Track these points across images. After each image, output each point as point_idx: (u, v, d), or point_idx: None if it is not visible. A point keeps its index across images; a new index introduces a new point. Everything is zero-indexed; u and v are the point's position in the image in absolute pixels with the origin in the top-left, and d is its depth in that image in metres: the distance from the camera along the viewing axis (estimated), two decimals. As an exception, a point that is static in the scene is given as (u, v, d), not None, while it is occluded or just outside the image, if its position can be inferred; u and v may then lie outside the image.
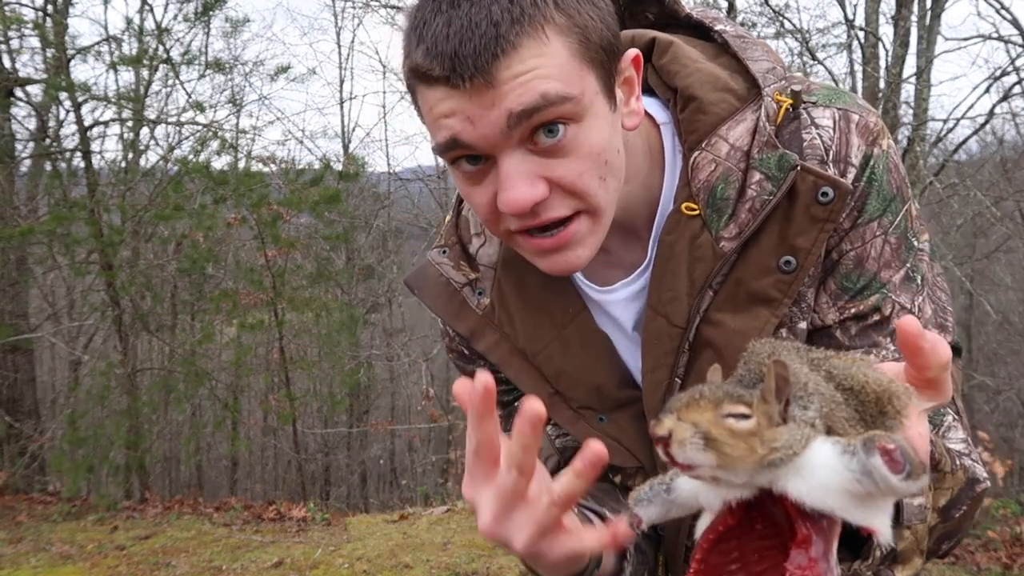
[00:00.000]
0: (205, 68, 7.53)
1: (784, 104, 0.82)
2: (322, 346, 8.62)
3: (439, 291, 0.98)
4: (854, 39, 7.52)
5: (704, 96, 0.84)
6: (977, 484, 0.79)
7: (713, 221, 0.82)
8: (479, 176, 0.77)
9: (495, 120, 0.71)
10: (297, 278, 8.25)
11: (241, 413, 9.14)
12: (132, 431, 7.09)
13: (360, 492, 11.31)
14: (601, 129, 0.76)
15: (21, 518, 5.94)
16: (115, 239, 6.81)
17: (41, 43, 6.93)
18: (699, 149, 0.83)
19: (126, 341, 7.29)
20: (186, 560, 4.86)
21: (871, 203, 0.81)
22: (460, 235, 0.99)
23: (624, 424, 0.93)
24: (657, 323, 0.86)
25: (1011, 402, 10.30)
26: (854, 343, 0.82)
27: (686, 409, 0.51)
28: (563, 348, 0.92)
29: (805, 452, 0.48)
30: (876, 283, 0.82)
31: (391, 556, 4.67)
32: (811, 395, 0.50)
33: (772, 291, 0.81)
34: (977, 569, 4.55)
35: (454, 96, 0.71)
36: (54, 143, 7.63)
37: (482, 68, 0.69)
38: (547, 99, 0.71)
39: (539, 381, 0.94)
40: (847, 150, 0.81)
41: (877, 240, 0.82)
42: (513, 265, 0.94)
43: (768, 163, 0.80)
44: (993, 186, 8.82)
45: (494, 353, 0.96)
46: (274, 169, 7.85)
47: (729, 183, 0.81)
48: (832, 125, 0.82)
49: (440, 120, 0.74)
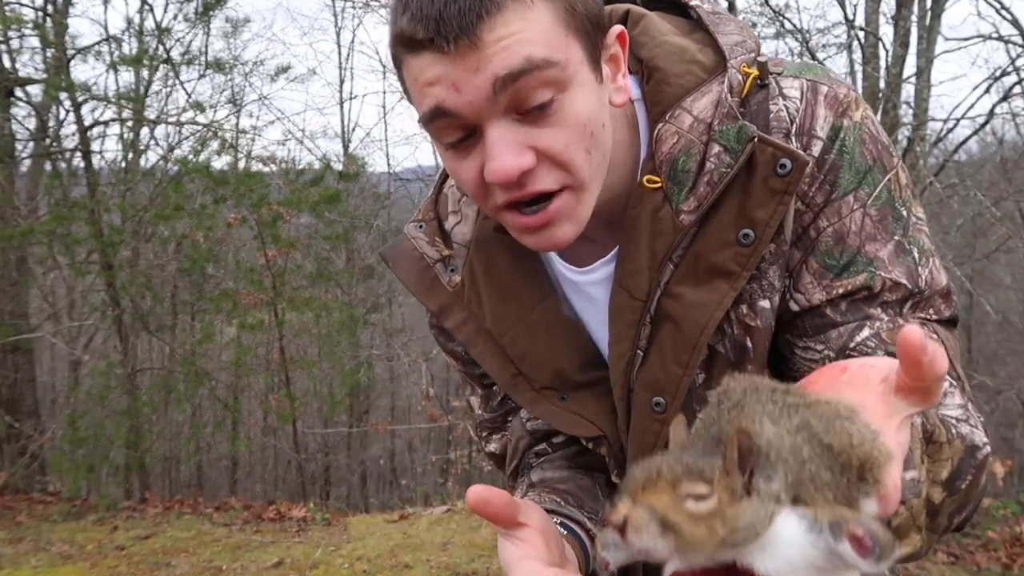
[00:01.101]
0: (205, 68, 7.54)
1: (751, 75, 0.81)
2: (322, 346, 8.63)
3: (412, 265, 0.98)
4: (854, 39, 7.52)
5: (668, 68, 0.84)
6: (977, 451, 0.77)
7: (674, 194, 0.82)
8: (465, 150, 0.77)
9: (480, 85, 0.71)
10: (297, 278, 8.24)
11: (241, 413, 9.13)
12: (132, 431, 7.09)
13: (360, 492, 11.31)
14: (587, 99, 0.76)
15: (21, 518, 5.94)
16: (115, 239, 6.81)
17: (41, 43, 6.94)
18: (663, 121, 0.83)
19: (126, 341, 7.29)
20: (186, 560, 4.87)
21: (844, 176, 0.80)
22: (438, 211, 1.00)
23: (586, 399, 0.94)
24: (620, 296, 0.86)
25: (1011, 402, 10.30)
26: (846, 318, 0.81)
27: (642, 491, 0.49)
28: (527, 331, 0.93)
29: (770, 528, 0.47)
30: (861, 258, 0.81)
31: (391, 556, 4.67)
32: (775, 464, 0.48)
33: (731, 264, 0.81)
34: (977, 569, 4.56)
35: (439, 62, 0.71)
36: (54, 143, 7.63)
37: (467, 29, 0.69)
38: (531, 62, 0.71)
39: (503, 361, 0.94)
40: (812, 122, 0.80)
41: (856, 214, 0.81)
42: (485, 246, 0.94)
43: (727, 135, 0.79)
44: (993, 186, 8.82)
45: (461, 331, 0.96)
46: (274, 169, 7.85)
47: (691, 156, 0.81)
48: (799, 96, 0.81)
49: (425, 88, 0.74)
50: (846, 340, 0.81)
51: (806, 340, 0.84)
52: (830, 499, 0.47)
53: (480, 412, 1.09)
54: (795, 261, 0.83)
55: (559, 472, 1.02)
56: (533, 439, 1.06)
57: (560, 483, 1.01)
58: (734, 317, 0.84)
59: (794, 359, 0.86)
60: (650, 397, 0.87)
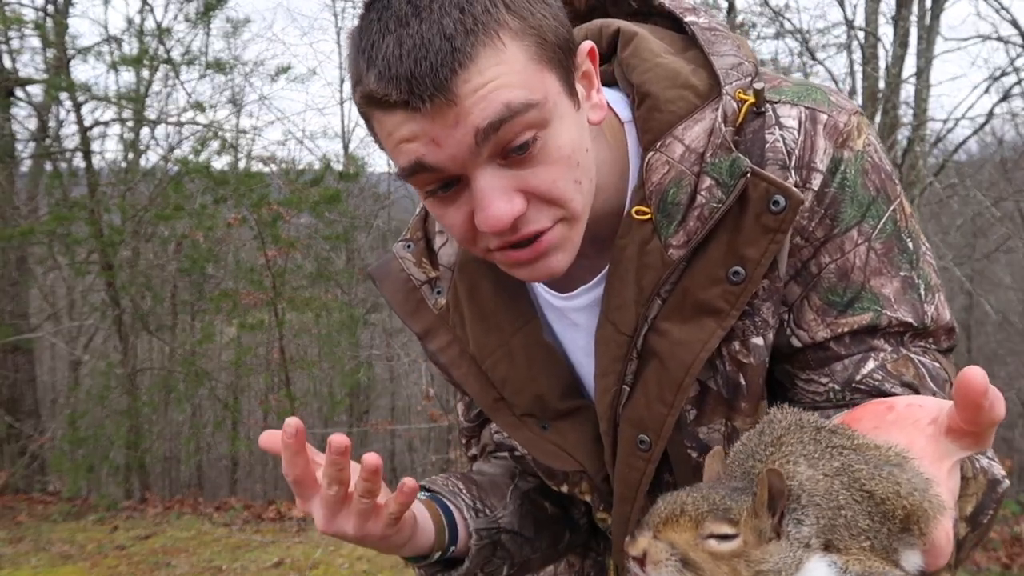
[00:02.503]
0: (205, 68, 7.53)
1: (747, 102, 0.78)
2: (322, 346, 8.62)
3: (399, 286, 0.97)
4: (854, 39, 7.52)
5: (660, 93, 0.81)
6: (998, 485, 0.76)
7: (663, 227, 0.79)
8: (450, 199, 0.75)
9: (461, 139, 0.69)
10: (297, 278, 8.24)
11: (241, 413, 9.12)
12: (132, 431, 7.10)
13: (360, 492, 11.28)
14: (569, 130, 0.74)
15: (21, 518, 5.94)
16: (115, 239, 6.81)
17: (42, 43, 6.94)
18: (654, 150, 0.80)
19: (126, 341, 7.29)
20: (186, 560, 4.87)
21: (846, 210, 0.77)
22: (427, 229, 0.98)
23: (567, 431, 0.92)
24: (606, 329, 0.84)
25: (1011, 402, 10.30)
26: (850, 351, 0.79)
27: (664, 526, 0.48)
28: (508, 356, 0.91)
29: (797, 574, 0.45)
30: (866, 295, 0.78)
31: (391, 556, 4.67)
32: (806, 507, 0.46)
33: (719, 302, 0.78)
34: (977, 569, 4.55)
35: (414, 119, 0.69)
36: (54, 143, 7.64)
37: (441, 86, 0.66)
38: (511, 109, 0.69)
39: (485, 386, 0.93)
40: (811, 154, 0.77)
41: (860, 249, 0.78)
42: (468, 269, 0.93)
43: (719, 168, 0.76)
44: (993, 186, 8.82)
45: (445, 354, 0.95)
46: (274, 169, 7.84)
47: (681, 187, 0.78)
48: (797, 126, 0.78)
49: (401, 145, 0.71)
50: (852, 373, 0.79)
51: (809, 372, 0.82)
52: (866, 548, 0.45)
53: (463, 419, 1.09)
54: (794, 296, 0.81)
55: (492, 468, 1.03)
56: (496, 448, 1.05)
57: (477, 474, 1.01)
58: (726, 354, 0.81)
59: (795, 390, 0.84)
60: (635, 434, 0.85)
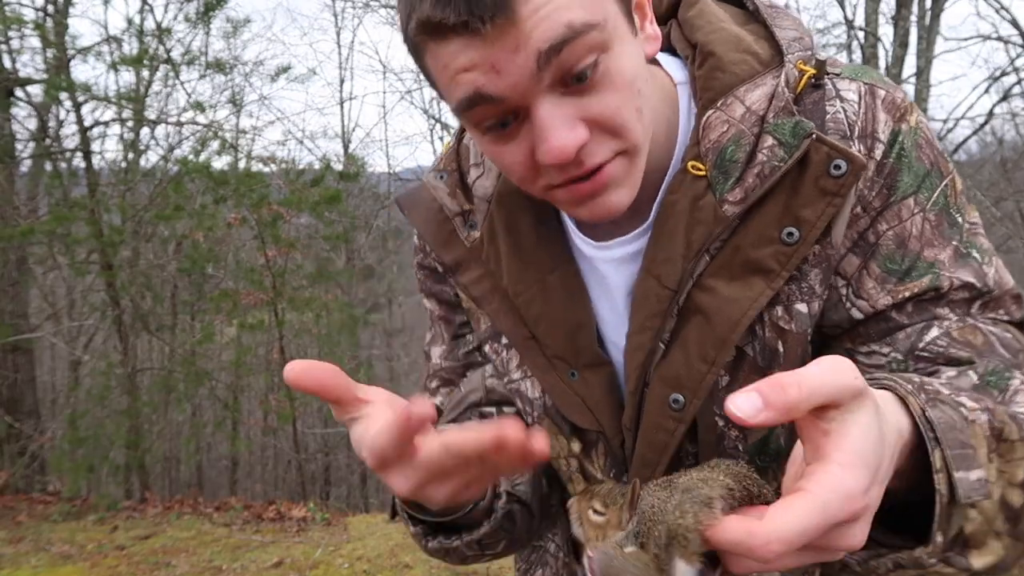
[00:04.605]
0: (205, 68, 7.54)
1: (807, 73, 0.78)
2: (322, 346, 8.62)
3: (431, 216, 0.94)
4: (854, 39, 7.52)
5: (724, 54, 0.80)
6: None
7: (719, 183, 0.78)
8: (508, 135, 0.73)
9: (523, 63, 0.66)
10: (297, 278, 8.24)
11: (241, 413, 9.13)
12: (132, 431, 7.10)
13: (360, 492, 11.31)
14: (631, 55, 0.72)
15: (21, 518, 5.94)
16: (115, 239, 6.81)
17: (41, 43, 6.94)
18: (713, 108, 0.79)
19: (126, 341, 7.29)
20: (186, 560, 4.87)
21: (903, 179, 0.77)
22: (460, 163, 0.95)
23: (594, 385, 0.90)
24: (648, 283, 0.82)
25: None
26: (912, 319, 0.78)
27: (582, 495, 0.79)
28: (544, 293, 0.89)
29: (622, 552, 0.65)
30: (922, 263, 0.78)
31: (391, 556, 4.67)
32: (635, 515, 0.66)
33: (770, 262, 0.77)
34: (977, 569, 4.55)
35: (473, 44, 0.66)
36: (54, 143, 7.63)
37: (502, 5, 0.64)
38: (573, 29, 0.66)
39: (518, 322, 0.91)
40: (874, 125, 0.77)
41: (916, 218, 0.77)
42: (507, 203, 0.90)
43: (783, 129, 0.76)
44: (993, 186, 8.82)
45: (477, 287, 0.92)
46: (274, 169, 7.84)
47: (740, 145, 0.77)
48: (858, 99, 0.78)
49: (459, 76, 0.68)
50: (914, 340, 0.77)
51: (870, 345, 0.80)
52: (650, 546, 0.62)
53: (439, 361, 1.04)
54: (853, 268, 0.80)
55: None
56: (487, 397, 0.99)
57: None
58: (767, 319, 0.80)
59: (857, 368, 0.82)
60: (668, 393, 0.83)
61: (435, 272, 1.00)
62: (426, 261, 1.02)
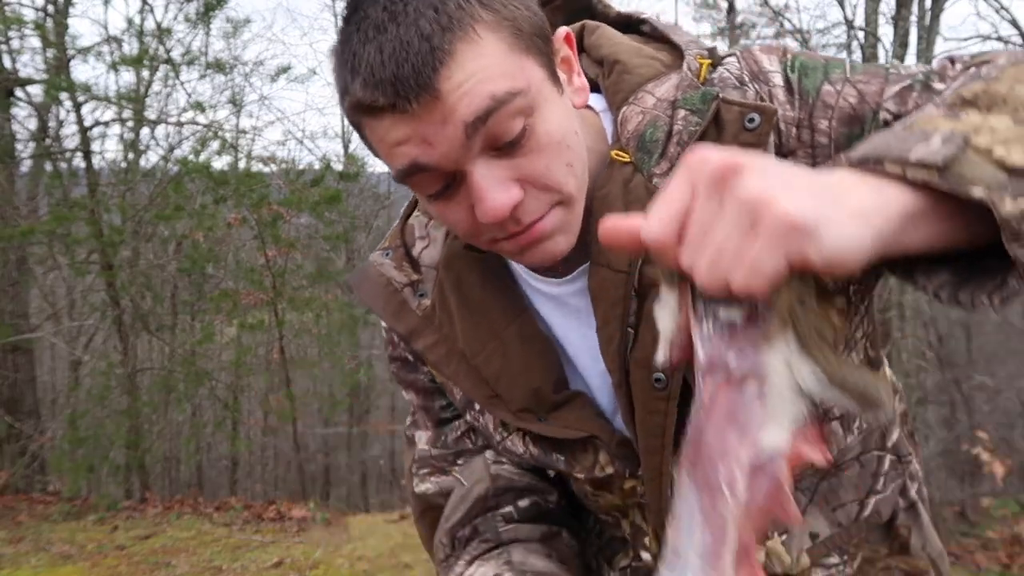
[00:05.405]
0: (205, 68, 7.53)
1: (704, 64, 0.83)
2: (322, 346, 8.63)
3: (379, 290, 0.97)
4: (854, 39, 7.52)
5: (629, 60, 0.85)
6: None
7: (644, 163, 0.81)
8: (449, 197, 0.76)
9: (452, 135, 0.70)
10: (297, 278, 8.24)
11: (241, 413, 9.14)
12: (132, 431, 7.10)
13: (360, 492, 11.32)
14: (555, 115, 0.75)
15: (21, 518, 5.95)
16: (115, 239, 6.81)
17: (42, 43, 6.94)
18: (626, 104, 0.83)
19: (126, 341, 7.29)
20: (186, 560, 4.87)
21: (810, 79, 0.79)
22: (405, 239, 0.98)
23: (566, 417, 0.91)
24: (600, 273, 0.83)
25: (1011, 402, 10.30)
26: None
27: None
28: (502, 350, 0.90)
29: None
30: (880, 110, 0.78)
31: (391, 556, 4.68)
32: None
33: None
34: (977, 569, 4.56)
35: (404, 120, 0.69)
36: (54, 143, 7.63)
37: (425, 84, 0.67)
38: (497, 99, 0.70)
39: (478, 382, 0.92)
40: (759, 65, 0.81)
41: (845, 90, 0.78)
42: (455, 265, 0.92)
43: (692, 100, 0.80)
44: (993, 186, 8.80)
45: (433, 352, 0.94)
46: (274, 169, 7.84)
47: (658, 127, 0.81)
48: (736, 60, 0.83)
49: (395, 149, 0.72)
50: None
51: None
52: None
53: (427, 448, 1.04)
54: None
55: (542, 561, 0.95)
56: (495, 487, 0.99)
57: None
58: None
59: None
60: (648, 375, 0.83)
61: (407, 362, 1.01)
62: (396, 352, 1.02)
